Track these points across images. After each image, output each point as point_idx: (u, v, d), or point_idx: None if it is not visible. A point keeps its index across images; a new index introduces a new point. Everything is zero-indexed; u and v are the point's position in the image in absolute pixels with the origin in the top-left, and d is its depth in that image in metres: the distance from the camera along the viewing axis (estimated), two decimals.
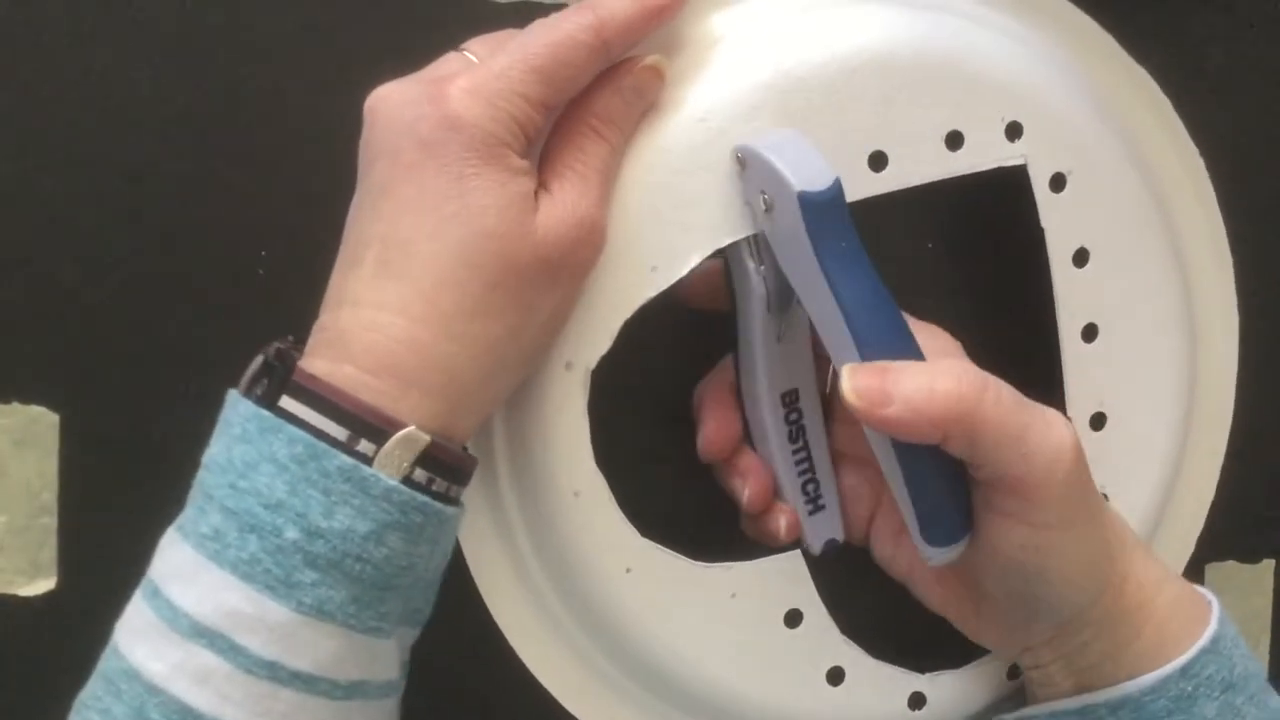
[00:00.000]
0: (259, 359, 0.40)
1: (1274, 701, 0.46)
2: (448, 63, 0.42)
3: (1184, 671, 0.44)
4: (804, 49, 0.45)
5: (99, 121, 0.47)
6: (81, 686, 0.39)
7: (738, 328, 0.47)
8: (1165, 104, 0.53)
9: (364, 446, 0.38)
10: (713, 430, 0.47)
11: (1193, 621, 0.45)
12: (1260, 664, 0.46)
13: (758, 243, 0.44)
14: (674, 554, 0.46)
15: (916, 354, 0.42)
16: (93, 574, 0.40)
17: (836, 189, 0.42)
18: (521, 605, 0.47)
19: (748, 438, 0.48)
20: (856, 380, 0.40)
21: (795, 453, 0.47)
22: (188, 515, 0.39)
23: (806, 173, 0.41)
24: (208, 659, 0.38)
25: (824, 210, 0.41)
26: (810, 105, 0.44)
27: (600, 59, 0.42)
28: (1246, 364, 0.56)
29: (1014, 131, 0.47)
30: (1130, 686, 0.44)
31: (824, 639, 0.47)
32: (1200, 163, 0.53)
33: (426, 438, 0.39)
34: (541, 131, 0.42)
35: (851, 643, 0.48)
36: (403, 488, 0.38)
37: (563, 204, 0.41)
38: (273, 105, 0.43)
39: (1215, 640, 0.44)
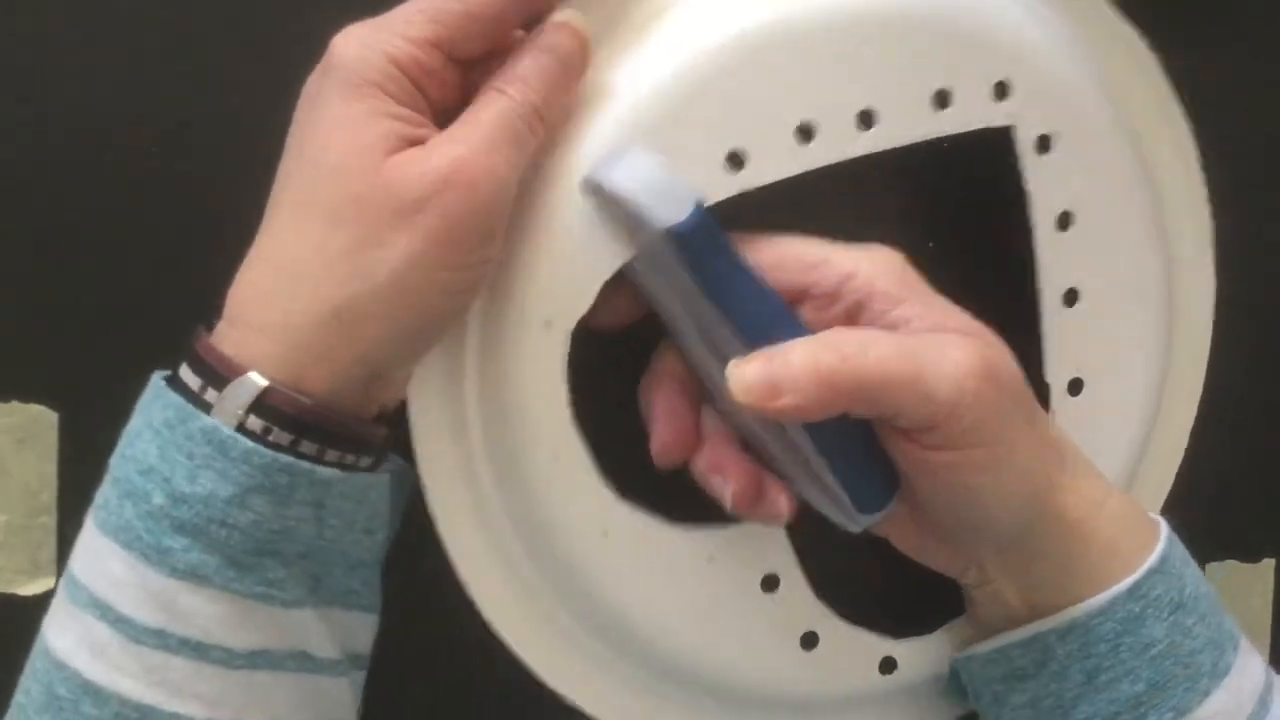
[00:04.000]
0: None
1: (1227, 624, 0.45)
2: None
3: (1131, 592, 0.43)
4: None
5: (99, 122, 0.46)
6: None
7: (673, 338, 0.45)
8: (1152, 63, 0.52)
9: (210, 395, 0.38)
10: (666, 433, 0.44)
11: (1141, 543, 0.44)
12: (1213, 588, 0.46)
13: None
14: (652, 517, 0.45)
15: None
16: None
17: (701, 212, 0.39)
18: (493, 570, 0.46)
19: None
20: (743, 377, 0.39)
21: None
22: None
23: (668, 204, 0.39)
24: (101, 631, 0.37)
25: (695, 239, 0.39)
26: (795, 61, 0.43)
27: (507, 4, 0.40)
28: (1248, 358, 0.55)
29: (1002, 91, 0.46)
30: (1078, 611, 0.43)
31: (799, 603, 0.47)
32: (1184, 126, 0.53)
33: (263, 383, 0.38)
34: (442, 79, 0.40)
35: (826, 608, 0.47)
36: (263, 449, 0.37)
37: (429, 146, 0.39)
38: (274, 106, 0.42)
39: (1164, 560, 0.44)
